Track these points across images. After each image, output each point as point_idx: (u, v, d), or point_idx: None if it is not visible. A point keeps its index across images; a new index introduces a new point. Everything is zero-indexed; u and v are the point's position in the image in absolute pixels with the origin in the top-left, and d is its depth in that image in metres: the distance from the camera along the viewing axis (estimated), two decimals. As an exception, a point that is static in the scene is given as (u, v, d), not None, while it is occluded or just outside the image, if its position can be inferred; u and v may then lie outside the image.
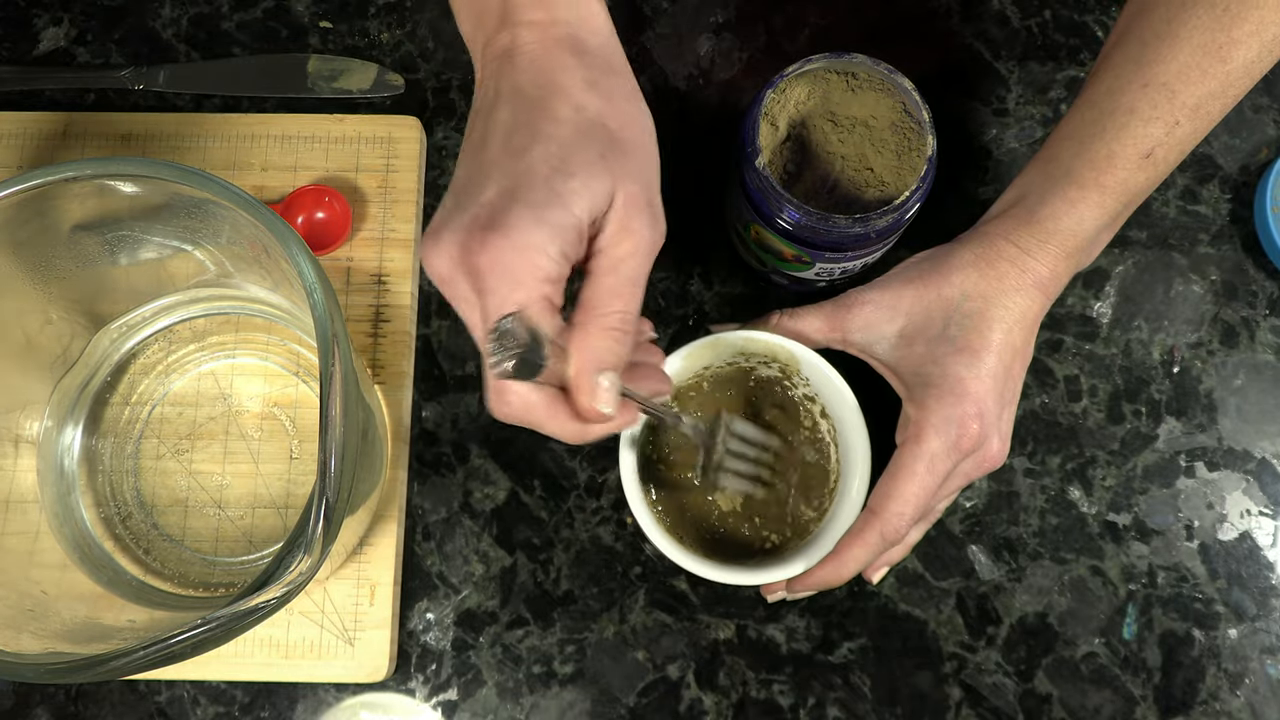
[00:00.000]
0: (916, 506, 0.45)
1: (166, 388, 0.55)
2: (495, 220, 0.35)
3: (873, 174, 0.49)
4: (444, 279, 0.36)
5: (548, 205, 0.35)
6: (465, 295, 0.36)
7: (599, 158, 0.37)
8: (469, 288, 0.36)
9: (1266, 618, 0.54)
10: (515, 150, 0.37)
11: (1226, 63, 0.44)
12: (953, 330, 0.46)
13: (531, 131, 0.37)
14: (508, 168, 0.36)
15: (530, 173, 0.36)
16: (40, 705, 0.53)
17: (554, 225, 0.35)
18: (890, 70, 0.48)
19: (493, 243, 0.35)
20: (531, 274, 0.35)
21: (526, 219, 0.35)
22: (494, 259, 0.35)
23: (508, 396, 0.37)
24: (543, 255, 0.35)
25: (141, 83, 0.60)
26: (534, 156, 0.36)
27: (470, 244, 0.35)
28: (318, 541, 0.38)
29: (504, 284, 0.35)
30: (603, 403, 0.37)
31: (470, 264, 0.35)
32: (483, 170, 0.37)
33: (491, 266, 0.35)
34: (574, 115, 0.37)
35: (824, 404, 0.51)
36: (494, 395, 0.38)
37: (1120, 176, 0.45)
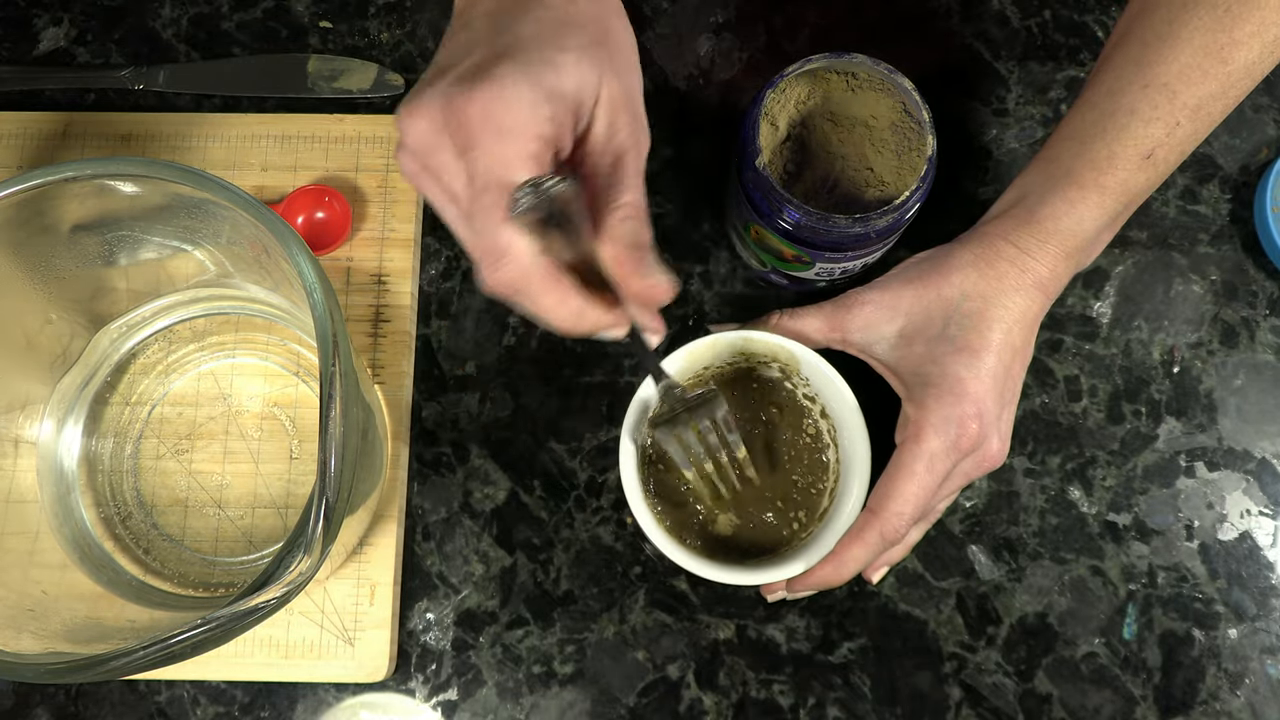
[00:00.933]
0: (916, 506, 0.45)
1: (166, 388, 0.55)
2: (482, 72, 0.33)
3: (873, 174, 0.49)
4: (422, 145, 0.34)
5: (540, 65, 0.33)
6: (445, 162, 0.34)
7: (590, 43, 0.35)
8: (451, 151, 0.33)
9: (1266, 618, 0.54)
10: (502, 25, 0.35)
11: (1227, 64, 0.44)
12: (952, 330, 0.46)
13: (521, 9, 0.35)
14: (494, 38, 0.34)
15: (521, 38, 0.34)
16: (40, 705, 0.53)
17: (547, 86, 0.33)
18: (890, 70, 0.48)
19: (480, 92, 0.32)
20: (523, 126, 0.33)
21: (517, 73, 0.33)
22: (482, 108, 0.32)
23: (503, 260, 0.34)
24: (533, 109, 0.33)
25: (141, 83, 0.60)
26: (523, 28, 0.34)
27: (455, 98, 0.33)
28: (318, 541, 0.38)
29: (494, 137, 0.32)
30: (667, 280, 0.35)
31: (456, 118, 0.33)
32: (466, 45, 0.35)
33: (480, 116, 0.32)
34: (564, 5, 0.36)
35: (824, 404, 0.51)
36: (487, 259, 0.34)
37: (1121, 177, 0.45)
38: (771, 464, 0.51)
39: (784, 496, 0.51)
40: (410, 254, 0.57)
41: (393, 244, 0.57)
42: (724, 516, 0.51)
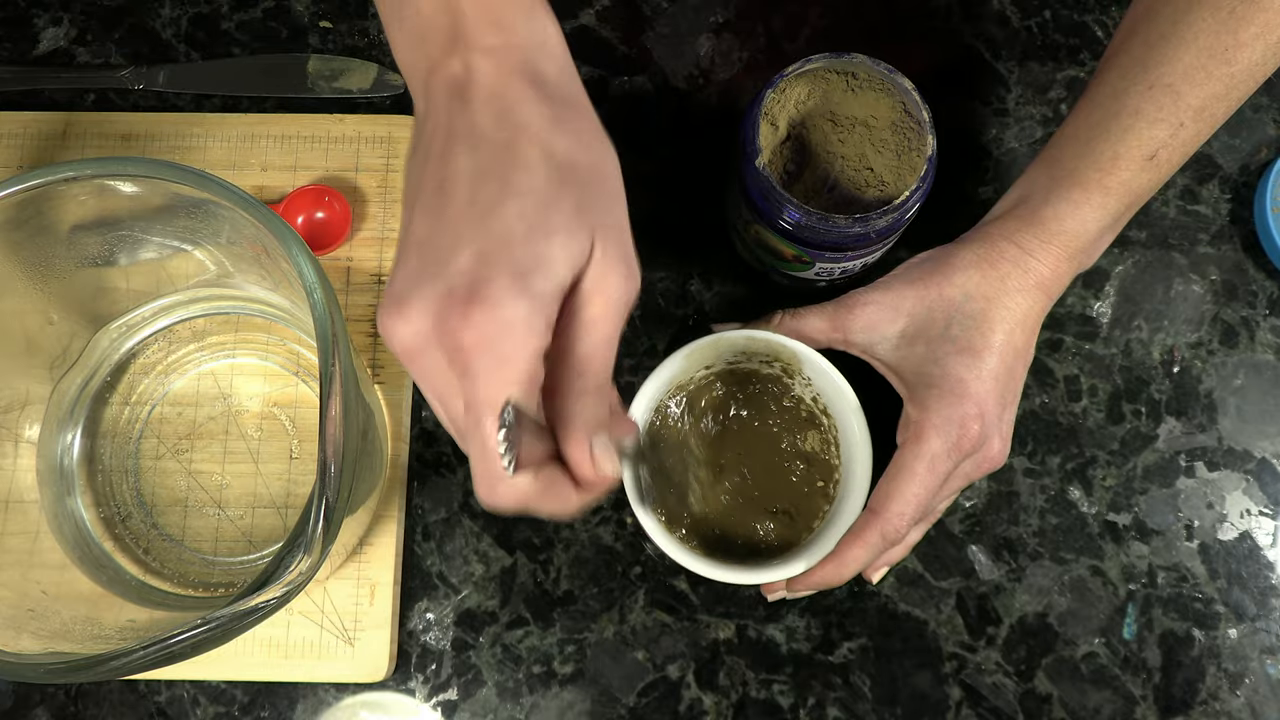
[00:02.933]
0: (917, 507, 0.45)
1: (166, 388, 0.55)
2: (476, 292, 0.31)
3: (873, 174, 0.49)
4: (411, 351, 0.33)
5: (530, 272, 0.32)
6: (439, 370, 0.33)
7: (576, 210, 0.33)
8: (445, 364, 0.33)
9: (1266, 618, 0.54)
10: (485, 206, 0.33)
11: (1231, 65, 0.44)
12: (955, 330, 0.46)
13: (501, 183, 0.33)
14: (479, 227, 0.32)
15: (507, 234, 0.32)
16: (40, 705, 0.53)
17: (539, 295, 0.32)
18: (890, 70, 0.48)
19: (477, 319, 0.31)
20: (521, 352, 0.32)
21: (510, 291, 0.31)
22: (480, 336, 0.31)
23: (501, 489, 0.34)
24: (530, 331, 0.32)
25: (141, 83, 0.60)
26: (508, 213, 0.32)
27: (449, 318, 0.32)
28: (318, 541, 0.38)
29: (493, 365, 0.32)
30: (608, 465, 0.35)
31: (451, 341, 0.32)
32: (449, 228, 0.33)
33: (478, 345, 0.31)
34: (544, 161, 0.33)
35: (826, 404, 0.51)
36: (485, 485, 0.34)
37: (1124, 178, 0.45)
38: (773, 463, 0.51)
39: (785, 496, 0.51)
40: (410, 254, 0.57)
41: (392, 244, 0.57)
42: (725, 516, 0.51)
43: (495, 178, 0.33)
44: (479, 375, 0.32)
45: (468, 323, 0.31)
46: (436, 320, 0.32)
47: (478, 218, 0.33)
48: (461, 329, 0.32)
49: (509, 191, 0.33)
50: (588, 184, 0.34)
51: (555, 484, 0.35)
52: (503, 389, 0.32)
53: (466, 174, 0.33)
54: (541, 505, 0.35)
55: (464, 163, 0.34)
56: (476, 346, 0.32)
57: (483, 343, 0.32)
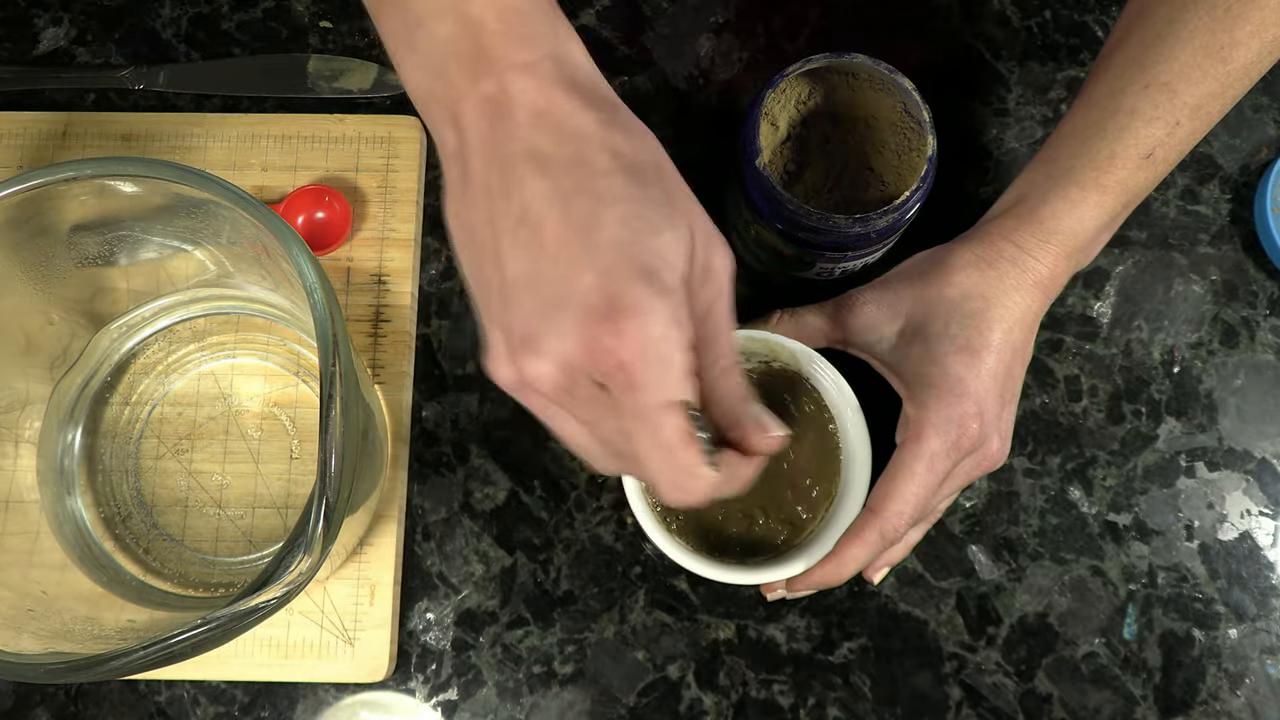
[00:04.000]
0: (916, 506, 0.45)
1: (166, 388, 0.55)
2: (617, 306, 0.30)
3: (873, 174, 0.49)
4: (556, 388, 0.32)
5: (658, 271, 0.31)
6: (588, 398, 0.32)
7: (668, 203, 0.33)
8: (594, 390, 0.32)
9: (1266, 618, 0.54)
10: (584, 223, 0.31)
11: (1227, 63, 0.44)
12: (953, 330, 0.46)
13: (590, 196, 0.32)
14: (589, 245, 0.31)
15: (621, 243, 0.31)
16: (40, 705, 0.53)
17: (673, 290, 0.31)
18: (890, 70, 0.48)
19: (630, 331, 0.30)
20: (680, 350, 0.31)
21: (649, 294, 0.31)
22: (638, 347, 0.30)
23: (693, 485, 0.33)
24: (680, 326, 0.31)
25: (141, 83, 0.60)
26: (611, 223, 0.31)
27: (600, 339, 0.30)
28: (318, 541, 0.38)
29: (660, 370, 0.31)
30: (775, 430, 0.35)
31: (608, 361, 0.31)
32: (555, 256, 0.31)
33: (639, 356, 0.30)
34: (616, 164, 0.32)
35: (825, 403, 0.51)
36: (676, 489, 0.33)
37: (1121, 177, 0.45)
38: (772, 463, 0.51)
39: (784, 496, 0.51)
40: (410, 254, 0.57)
41: (393, 244, 0.57)
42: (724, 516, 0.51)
43: (581, 193, 0.32)
44: (649, 383, 0.31)
45: (622, 338, 0.30)
46: (584, 346, 0.31)
47: (582, 237, 0.31)
48: (618, 346, 0.31)
49: (602, 202, 0.32)
50: (661, 177, 0.34)
51: (734, 464, 0.35)
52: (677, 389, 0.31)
53: (547, 197, 0.32)
54: (726, 489, 0.35)
55: (539, 187, 0.32)
56: (638, 357, 0.31)
57: (646, 350, 0.31)
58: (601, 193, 0.32)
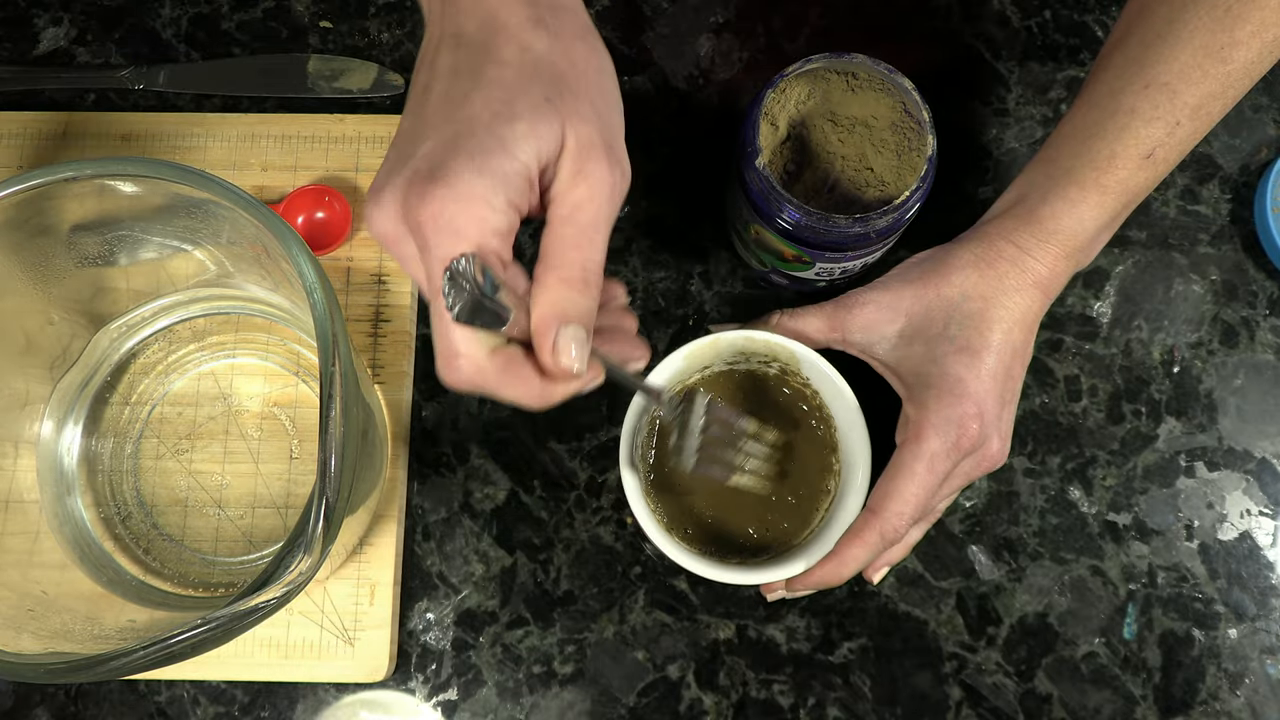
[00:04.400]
0: (916, 506, 0.45)
1: (166, 388, 0.55)
2: (435, 172, 0.33)
3: (873, 174, 0.49)
4: (388, 237, 0.34)
5: (490, 152, 0.33)
6: (410, 253, 0.34)
7: (544, 100, 0.34)
8: (413, 244, 0.34)
9: (1266, 618, 0.54)
10: (456, 98, 0.34)
11: (1227, 63, 0.44)
12: (953, 330, 0.46)
13: (473, 76, 0.35)
14: (448, 116, 0.34)
15: (471, 120, 0.34)
16: (40, 705, 0.53)
17: (498, 173, 0.33)
18: (890, 70, 0.48)
19: (433, 194, 0.33)
20: (476, 225, 0.33)
21: (468, 168, 0.33)
22: (435, 211, 0.33)
23: (458, 361, 0.34)
24: (486, 206, 0.33)
25: (141, 83, 0.60)
26: (475, 103, 0.34)
27: (410, 198, 0.33)
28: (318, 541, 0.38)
29: (446, 236, 0.33)
30: (567, 357, 0.34)
31: (412, 219, 0.33)
32: (423, 121, 0.35)
33: (433, 219, 0.33)
34: (518, 56, 0.35)
35: (824, 404, 0.51)
36: (443, 360, 0.35)
37: (1121, 177, 0.45)
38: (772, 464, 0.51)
39: (784, 496, 0.51)
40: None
41: (393, 244, 0.57)
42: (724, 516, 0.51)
43: (469, 73, 0.35)
44: (434, 247, 0.33)
45: (424, 200, 0.33)
46: (402, 202, 0.33)
47: (448, 108, 0.34)
48: (419, 206, 0.33)
49: (479, 83, 0.34)
50: (564, 80, 0.35)
51: (513, 364, 0.35)
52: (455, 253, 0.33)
53: (446, 72, 0.35)
54: (500, 388, 0.35)
55: (445, 61, 0.35)
56: (432, 220, 0.33)
57: (439, 217, 0.33)
58: (486, 76, 0.35)
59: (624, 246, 0.58)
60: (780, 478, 0.51)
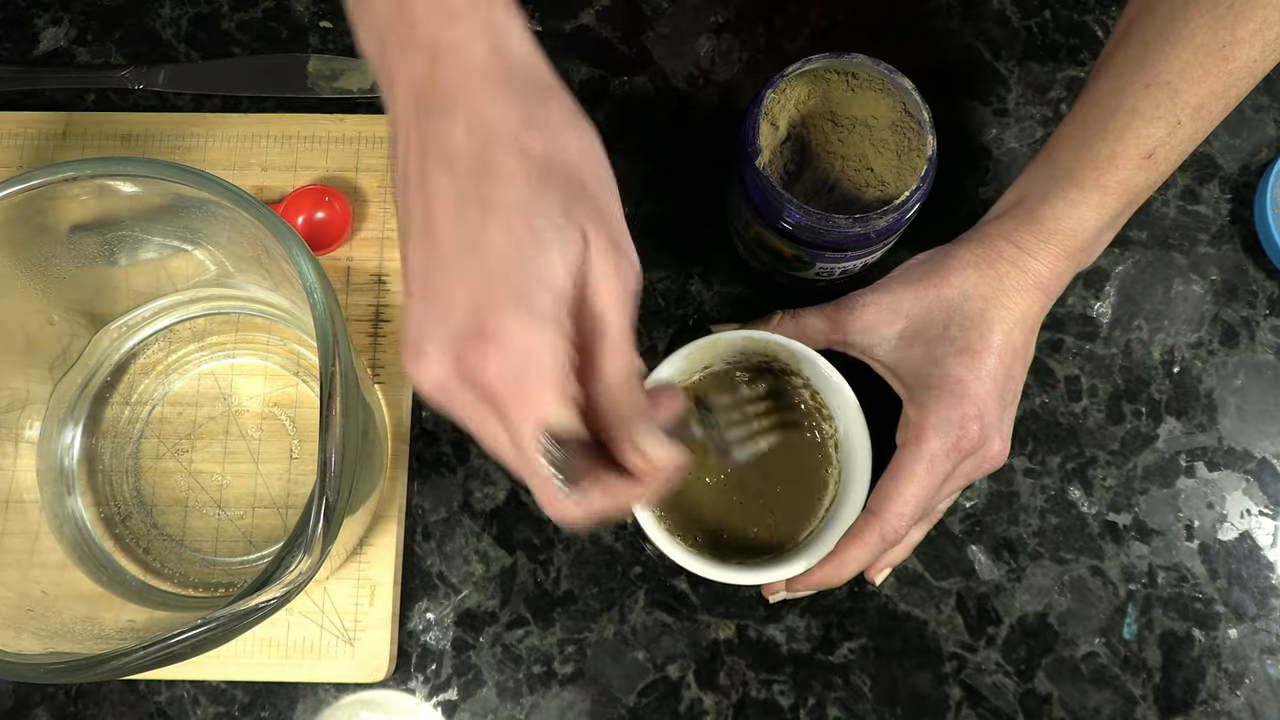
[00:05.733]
0: (916, 507, 0.45)
1: (166, 388, 0.55)
2: (484, 328, 0.31)
3: (873, 174, 0.49)
4: (439, 393, 0.33)
5: (532, 294, 0.32)
6: (471, 406, 0.33)
7: (563, 215, 0.32)
8: (475, 398, 0.33)
9: (1266, 618, 0.54)
10: (471, 232, 0.32)
11: (1229, 62, 0.44)
12: (953, 331, 0.46)
13: (481, 204, 0.32)
14: (470, 257, 0.32)
15: (500, 259, 0.32)
16: (40, 705, 0.53)
17: (547, 315, 0.32)
18: (890, 70, 0.48)
19: (493, 356, 0.31)
20: (546, 376, 0.32)
21: (518, 320, 0.31)
22: (501, 372, 0.31)
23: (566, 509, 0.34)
24: (548, 349, 0.32)
25: (141, 83, 0.60)
26: (494, 235, 0.32)
27: (466, 359, 0.32)
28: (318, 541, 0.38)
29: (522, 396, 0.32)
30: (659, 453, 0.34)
31: (474, 380, 0.32)
32: (443, 262, 0.32)
33: (501, 381, 0.31)
34: (521, 167, 0.32)
35: (825, 404, 0.51)
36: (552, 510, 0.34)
37: (1122, 177, 0.45)
38: (772, 464, 0.51)
39: (785, 496, 0.51)
40: (410, 254, 0.57)
41: (393, 244, 0.57)
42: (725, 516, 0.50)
43: (475, 200, 0.32)
44: (511, 409, 0.32)
45: (485, 362, 0.31)
46: (455, 363, 0.32)
47: (467, 246, 0.32)
48: (480, 369, 0.31)
49: (491, 212, 0.32)
50: (570, 180, 0.33)
51: (614, 488, 0.34)
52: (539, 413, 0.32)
53: (448, 199, 0.32)
54: (611, 511, 0.34)
55: (443, 185, 0.33)
56: (500, 382, 0.31)
57: (505, 377, 0.31)
58: (495, 201, 0.32)
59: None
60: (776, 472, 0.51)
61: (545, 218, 0.32)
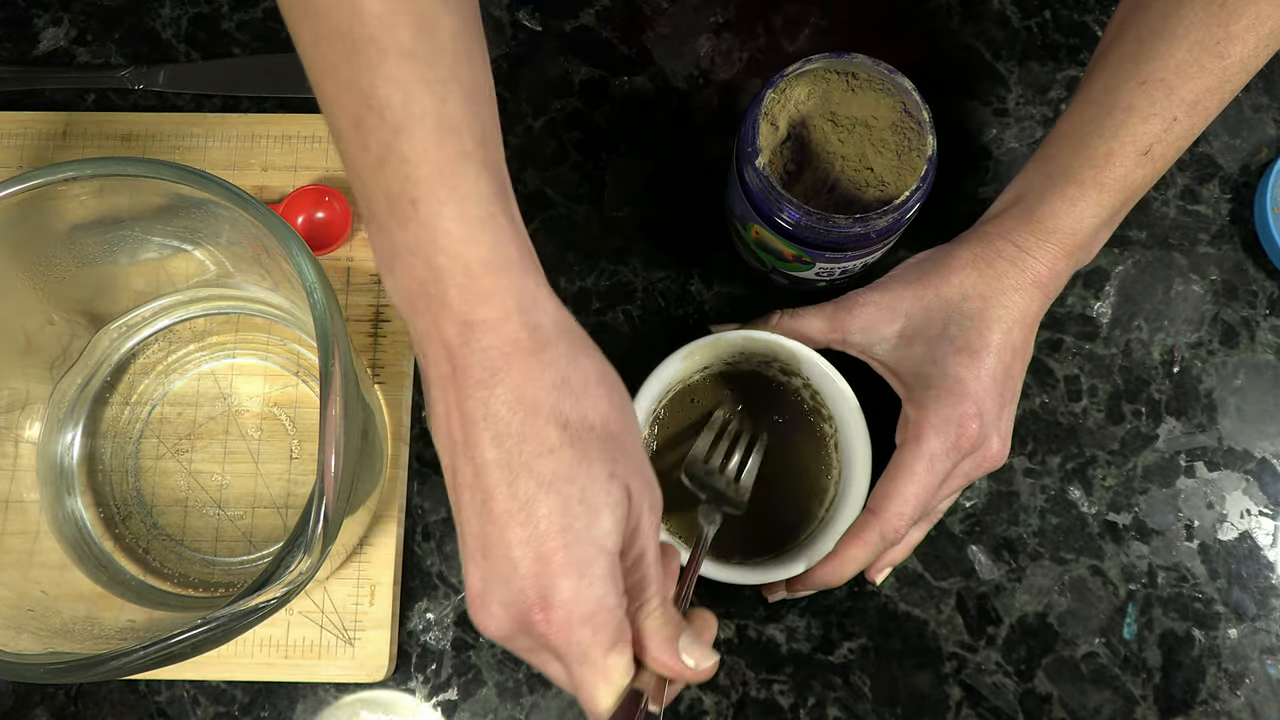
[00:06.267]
0: (916, 506, 0.45)
1: (166, 388, 0.55)
2: (546, 597, 0.34)
3: (873, 174, 0.49)
4: (507, 639, 0.36)
5: (590, 561, 0.34)
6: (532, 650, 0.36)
7: (608, 477, 0.35)
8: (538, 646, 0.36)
9: (1266, 618, 0.54)
10: (525, 502, 0.34)
11: (1224, 58, 0.44)
12: (952, 330, 0.46)
13: (533, 475, 0.34)
14: (528, 525, 0.34)
15: (557, 531, 0.34)
16: (40, 705, 0.53)
17: (604, 579, 0.35)
18: (890, 70, 0.48)
19: (557, 620, 0.34)
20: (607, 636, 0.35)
21: (577, 588, 0.34)
22: (565, 636, 0.34)
23: None
24: (604, 610, 0.35)
25: (141, 83, 0.60)
26: (550, 508, 0.34)
27: (531, 622, 0.34)
28: (318, 541, 0.38)
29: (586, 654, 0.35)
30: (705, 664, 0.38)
31: (540, 637, 0.35)
32: (500, 530, 0.34)
33: (567, 642, 0.35)
34: (562, 435, 0.34)
35: (825, 403, 0.51)
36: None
37: (1119, 174, 0.45)
38: (772, 464, 0.51)
39: (785, 496, 0.51)
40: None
41: (393, 244, 0.57)
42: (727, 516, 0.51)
43: (526, 471, 0.34)
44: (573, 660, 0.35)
45: (550, 627, 0.34)
46: (520, 622, 0.35)
47: (523, 515, 0.34)
48: (546, 632, 0.34)
49: (543, 485, 0.34)
50: (608, 441, 0.35)
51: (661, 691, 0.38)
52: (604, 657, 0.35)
53: (498, 469, 0.34)
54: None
55: (492, 456, 0.34)
56: (567, 643, 0.34)
57: (572, 640, 0.34)
58: (544, 474, 0.34)
59: (624, 246, 0.58)
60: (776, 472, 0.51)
61: (594, 482, 0.35)
